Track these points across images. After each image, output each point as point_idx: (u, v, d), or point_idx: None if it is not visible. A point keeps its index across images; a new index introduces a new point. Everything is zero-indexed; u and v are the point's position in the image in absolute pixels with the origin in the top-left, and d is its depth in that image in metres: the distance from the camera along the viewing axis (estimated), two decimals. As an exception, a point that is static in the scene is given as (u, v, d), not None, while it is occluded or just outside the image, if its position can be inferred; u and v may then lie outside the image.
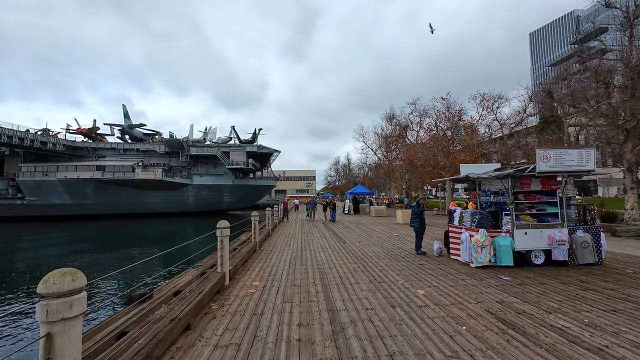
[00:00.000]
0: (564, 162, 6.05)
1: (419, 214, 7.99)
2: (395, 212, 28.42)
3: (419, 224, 7.97)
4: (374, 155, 50.04)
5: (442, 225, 15.59)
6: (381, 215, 23.85)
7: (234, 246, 9.09)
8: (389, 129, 44.55)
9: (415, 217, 8.02)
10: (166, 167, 52.20)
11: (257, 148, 55.11)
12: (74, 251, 19.83)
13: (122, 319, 4.13)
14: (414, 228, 8.11)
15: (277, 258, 7.91)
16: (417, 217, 7.99)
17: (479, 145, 24.68)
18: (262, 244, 10.19)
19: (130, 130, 53.26)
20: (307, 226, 16.67)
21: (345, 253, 8.48)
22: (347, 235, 12.41)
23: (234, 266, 6.23)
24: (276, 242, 10.83)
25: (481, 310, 4.13)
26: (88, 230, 34.02)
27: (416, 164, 29.22)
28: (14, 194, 46.44)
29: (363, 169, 58.23)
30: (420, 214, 7.99)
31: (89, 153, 50.55)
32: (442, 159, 25.01)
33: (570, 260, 6.54)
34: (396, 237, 11.41)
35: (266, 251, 8.94)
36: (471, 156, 23.55)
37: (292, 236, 12.29)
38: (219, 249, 5.31)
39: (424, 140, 29.36)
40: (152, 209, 51.16)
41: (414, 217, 8.08)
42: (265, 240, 11.06)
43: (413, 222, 8.08)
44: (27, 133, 43.35)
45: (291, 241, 10.89)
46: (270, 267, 6.87)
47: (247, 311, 4.24)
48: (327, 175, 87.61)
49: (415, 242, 8.19)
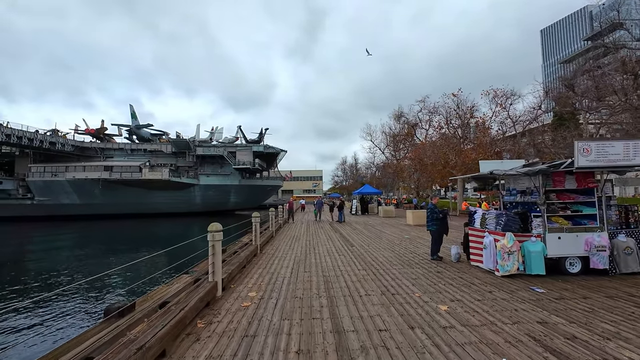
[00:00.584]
0: (607, 155, 5.23)
1: (436, 216, 7.24)
2: (405, 212, 27.61)
3: (436, 227, 7.23)
4: (381, 155, 49.18)
5: (456, 227, 14.74)
6: (390, 216, 23.02)
7: (234, 249, 8.49)
8: (397, 128, 43.61)
9: (432, 220, 7.28)
10: (173, 168, 52.25)
11: (264, 148, 54.74)
12: (77, 252, 19.59)
13: (91, 339, 3.52)
14: (431, 232, 7.37)
15: (278, 263, 7.26)
16: (434, 220, 7.25)
17: (491, 143, 23.65)
18: (264, 247, 9.56)
19: (137, 130, 53.48)
20: (313, 227, 16.01)
21: (353, 258, 7.78)
22: (355, 237, 11.70)
23: (229, 274, 5.60)
24: (279, 244, 10.19)
25: (521, 334, 3.39)
26: (94, 230, 34.04)
27: (426, 163, 28.28)
28: (24, 194, 47.05)
29: (370, 168, 57.32)
30: (441, 216, 7.26)
31: (97, 153, 50.92)
32: (453, 158, 24.05)
33: (611, 268, 5.71)
34: (407, 240, 10.65)
35: (267, 255, 8.31)
36: (484, 154, 22.55)
37: (297, 238, 11.63)
38: (210, 255, 4.69)
39: (433, 138, 28.39)
40: (159, 209, 51.27)
41: (430, 219, 7.33)
42: (268, 243, 10.43)
43: (430, 224, 7.33)
44: (36, 134, 43.80)
45: (295, 244, 10.24)
46: (270, 275, 6.22)
47: (237, 331, 3.58)
48: (334, 175, 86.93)
49: (430, 247, 7.44)
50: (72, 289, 10.31)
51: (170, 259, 12.35)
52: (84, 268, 14.49)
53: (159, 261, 13.84)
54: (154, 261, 13.64)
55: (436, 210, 7.31)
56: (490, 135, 24.05)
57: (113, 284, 11.67)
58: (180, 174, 51.84)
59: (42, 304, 8.88)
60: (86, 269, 14.05)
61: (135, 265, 11.66)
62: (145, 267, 12.79)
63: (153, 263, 13.43)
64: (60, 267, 14.61)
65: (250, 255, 7.54)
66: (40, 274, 13.16)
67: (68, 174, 47.65)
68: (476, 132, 24.04)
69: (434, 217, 7.28)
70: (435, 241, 7.33)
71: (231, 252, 7.89)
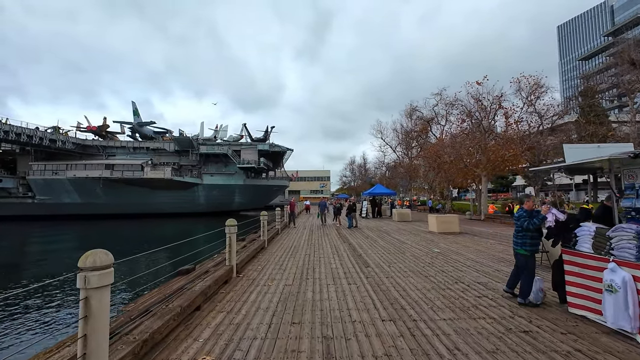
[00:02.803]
0: None
1: (531, 230, 4.48)
2: (424, 216, 24.75)
3: (532, 250, 4.52)
4: (392, 154, 46.24)
5: (491, 235, 11.95)
6: (406, 220, 20.27)
7: (205, 268, 6.04)
8: (409, 125, 40.73)
9: (526, 235, 4.53)
10: (176, 166, 50.58)
11: (269, 146, 52.54)
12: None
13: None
14: (521, 256, 4.59)
15: (256, 300, 4.70)
16: (528, 238, 4.53)
17: (522, 138, 20.65)
18: (245, 266, 7.05)
19: (139, 128, 52.02)
20: (316, 234, 13.43)
21: (370, 290, 5.15)
22: (368, 250, 9.07)
23: (158, 328, 3.10)
24: (268, 261, 7.67)
25: None
26: (92, 230, 32.29)
27: (445, 160, 25.40)
28: (25, 193, 46.01)
29: (380, 168, 54.35)
30: (555, 232, 4.54)
31: (99, 151, 49.64)
32: (479, 155, 21.14)
33: None
34: (440, 257, 7.98)
35: (245, 281, 5.79)
36: (514, 150, 19.59)
37: (294, 251, 9.08)
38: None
39: (454, 132, 25.46)
40: (162, 209, 49.67)
41: (522, 234, 4.56)
42: (254, 259, 7.92)
43: (521, 243, 4.57)
44: (36, 131, 42.61)
45: (289, 261, 7.69)
46: (235, 327, 3.69)
47: None
48: (342, 175, 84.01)
49: (519, 284, 4.55)
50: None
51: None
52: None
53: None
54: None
55: (534, 221, 4.43)
56: (520, 128, 21.04)
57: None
58: (183, 173, 50.11)
59: None
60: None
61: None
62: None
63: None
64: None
65: (218, 281, 5.03)
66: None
67: (69, 172, 46.44)
68: (505, 125, 21.07)
69: (529, 230, 4.47)
70: (528, 272, 4.45)
71: (196, 275, 5.43)
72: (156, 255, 13.72)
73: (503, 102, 20.88)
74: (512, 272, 4.85)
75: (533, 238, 4.56)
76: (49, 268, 14.72)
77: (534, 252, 4.58)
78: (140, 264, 13.18)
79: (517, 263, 4.72)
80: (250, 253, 7.67)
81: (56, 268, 14.35)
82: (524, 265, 4.53)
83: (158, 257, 13.71)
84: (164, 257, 13.47)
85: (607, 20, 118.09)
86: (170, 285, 5.05)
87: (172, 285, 5.08)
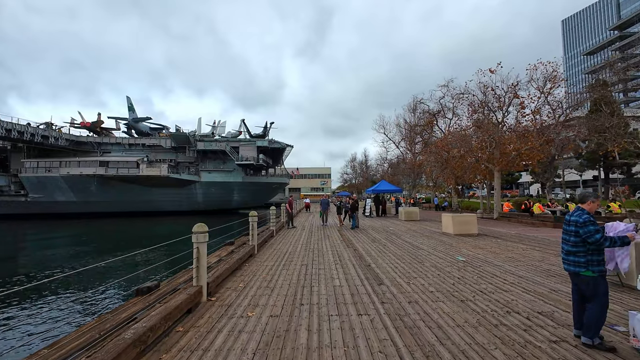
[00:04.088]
0: None
1: (609, 243, 2.97)
2: (432, 215, 23.22)
3: (600, 272, 3.03)
4: (395, 149, 44.49)
5: (515, 237, 10.35)
6: (413, 219, 18.75)
7: (174, 285, 4.54)
8: (412, 120, 38.98)
9: (591, 251, 3.03)
10: (173, 163, 49.13)
11: (268, 142, 50.96)
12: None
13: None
14: (587, 279, 3.05)
15: (222, 348, 3.17)
16: (595, 250, 3.03)
17: (541, 130, 18.98)
18: (223, 283, 5.51)
19: (135, 124, 50.50)
20: (315, 237, 11.88)
21: (391, 327, 3.56)
22: (378, 259, 7.53)
23: None
24: (255, 273, 6.16)
25: None
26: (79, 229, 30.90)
27: (454, 155, 23.79)
28: (17, 191, 44.70)
29: (382, 165, 52.59)
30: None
31: (94, 148, 48.21)
32: (492, 148, 19.52)
33: None
34: (469, 268, 6.44)
35: (217, 309, 4.23)
36: (532, 143, 17.93)
37: (288, 260, 7.54)
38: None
39: (464, 124, 23.79)
40: (160, 207, 48.34)
41: (585, 249, 3.05)
42: (238, 271, 6.41)
43: (586, 264, 3.02)
44: (27, 127, 41.20)
45: (281, 275, 6.13)
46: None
47: None
48: (343, 172, 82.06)
49: (587, 319, 3.05)
50: None
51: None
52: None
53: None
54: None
55: (615, 238, 2.98)
56: (537, 119, 19.37)
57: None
58: (180, 170, 48.66)
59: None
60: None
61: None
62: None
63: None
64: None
65: (159, 323, 3.51)
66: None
67: (62, 170, 45.04)
68: (520, 116, 19.38)
69: (596, 243, 2.98)
70: (599, 301, 2.98)
71: (160, 294, 3.94)
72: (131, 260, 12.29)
73: (518, 90, 19.18)
74: (574, 303, 3.29)
75: (600, 253, 3.04)
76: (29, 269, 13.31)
77: (604, 273, 3.06)
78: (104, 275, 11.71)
79: (579, 289, 3.19)
80: (232, 265, 6.13)
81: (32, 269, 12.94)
82: (593, 292, 3.01)
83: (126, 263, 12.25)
84: (140, 261, 12.04)
85: (612, 13, 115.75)
86: (114, 317, 3.55)
87: (117, 315, 3.58)
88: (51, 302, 9.19)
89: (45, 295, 9.62)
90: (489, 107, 20.23)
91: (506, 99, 19.37)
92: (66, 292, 10.22)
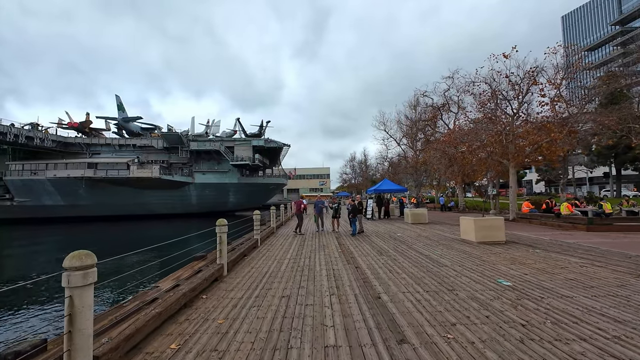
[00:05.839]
0: None
1: None
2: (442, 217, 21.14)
3: None
4: (396, 147, 42.44)
5: (554, 245, 8.19)
6: (422, 222, 16.68)
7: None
8: (414, 117, 37.02)
9: None
10: (165, 164, 47.10)
11: (264, 142, 48.91)
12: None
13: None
14: None
15: None
16: None
17: (564, 120, 16.95)
18: (161, 329, 3.49)
19: (125, 124, 48.46)
20: (308, 248, 9.75)
21: None
22: (389, 282, 5.46)
23: None
24: (208, 317, 4.11)
25: None
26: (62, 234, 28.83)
27: (463, 151, 21.81)
28: (2, 195, 42.68)
29: (383, 163, 50.49)
30: None
31: (82, 149, 46.18)
32: (508, 142, 17.49)
33: None
34: (524, 299, 4.40)
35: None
36: (554, 135, 15.90)
37: (265, 287, 5.40)
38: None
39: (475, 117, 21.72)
40: (152, 210, 46.33)
41: None
42: (182, 311, 4.37)
43: None
44: (10, 127, 39.19)
45: (245, 319, 4.03)
46: None
47: None
48: (343, 172, 79.85)
49: None
50: None
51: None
52: None
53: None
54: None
55: None
56: (558, 109, 17.33)
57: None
58: (172, 172, 46.60)
59: None
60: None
61: None
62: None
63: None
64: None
65: None
66: None
67: (49, 172, 43.07)
68: (539, 105, 17.35)
69: None
70: None
71: None
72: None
73: (537, 75, 17.12)
74: None
75: None
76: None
77: None
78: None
79: None
80: (176, 300, 4.07)
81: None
82: None
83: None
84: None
85: (614, 9, 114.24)
86: None
87: None
88: None
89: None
90: (503, 95, 18.16)
91: (523, 85, 17.31)
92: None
